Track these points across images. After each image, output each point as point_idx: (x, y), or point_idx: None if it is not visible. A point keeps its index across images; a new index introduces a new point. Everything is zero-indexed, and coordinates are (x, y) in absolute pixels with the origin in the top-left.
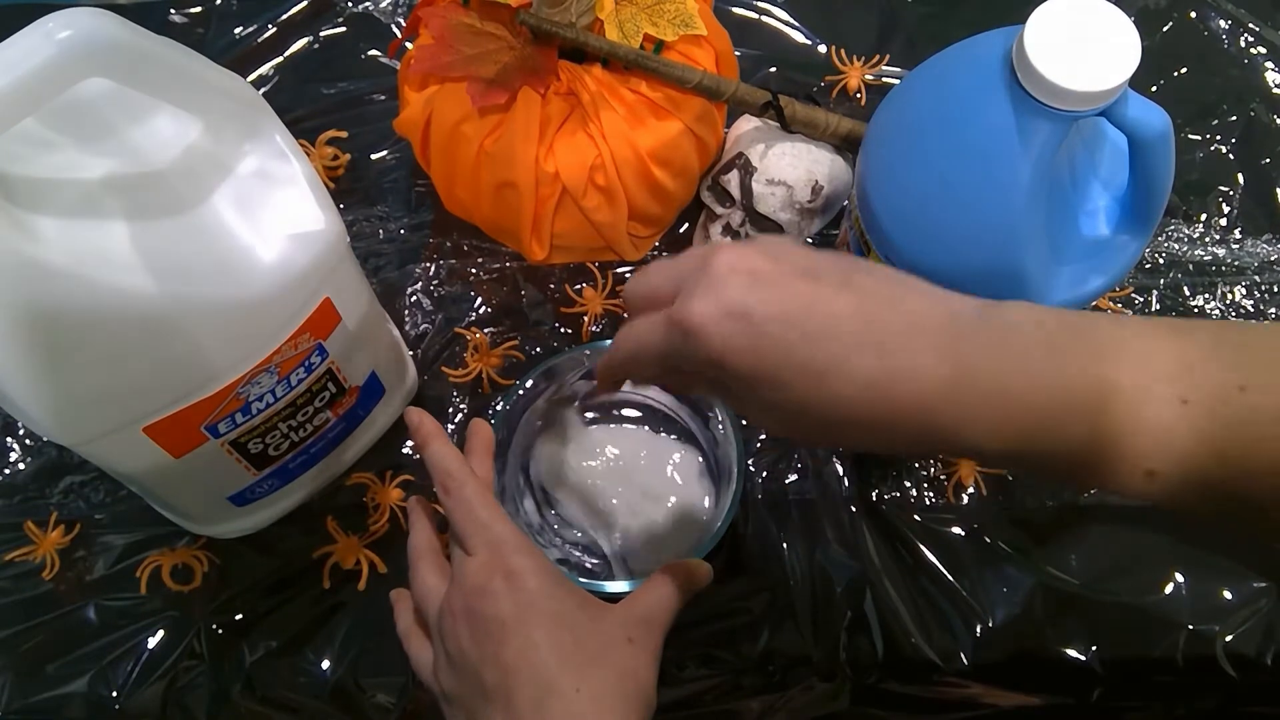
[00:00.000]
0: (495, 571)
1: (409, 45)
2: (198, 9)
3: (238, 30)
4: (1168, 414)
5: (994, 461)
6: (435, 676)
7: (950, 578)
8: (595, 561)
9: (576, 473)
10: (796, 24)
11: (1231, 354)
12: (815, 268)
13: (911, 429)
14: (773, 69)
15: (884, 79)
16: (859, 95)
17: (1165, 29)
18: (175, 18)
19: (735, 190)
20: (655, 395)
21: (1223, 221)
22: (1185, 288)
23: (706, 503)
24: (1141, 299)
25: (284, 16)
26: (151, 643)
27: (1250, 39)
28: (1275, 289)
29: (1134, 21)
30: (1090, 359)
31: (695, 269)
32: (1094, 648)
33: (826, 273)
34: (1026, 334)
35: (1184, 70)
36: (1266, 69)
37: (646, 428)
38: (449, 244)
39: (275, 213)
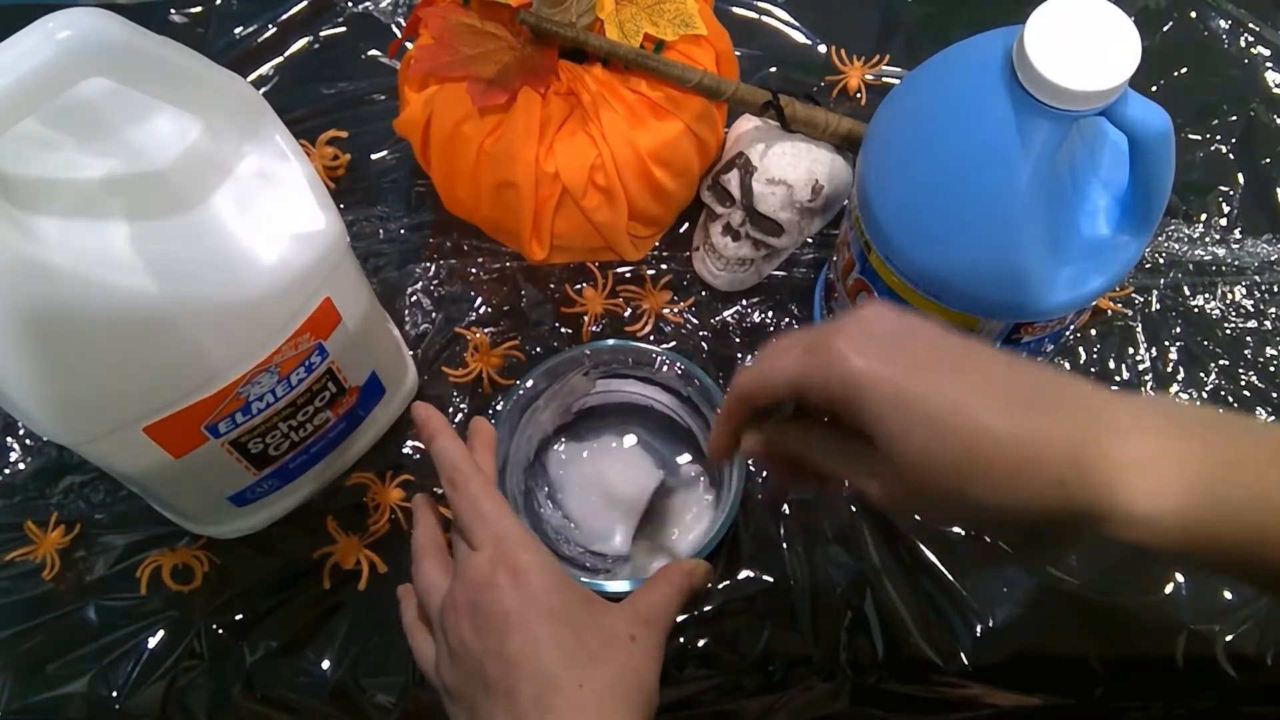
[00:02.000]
0: (499, 566)
1: (409, 45)
2: (198, 9)
3: (238, 30)
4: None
5: (1160, 532)
6: (437, 671)
7: (950, 578)
8: (596, 561)
9: (577, 472)
10: (796, 24)
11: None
12: (955, 332)
13: (1060, 486)
14: (773, 69)
15: (884, 79)
16: (859, 95)
17: (1165, 29)
18: (175, 18)
19: (735, 190)
20: (657, 396)
21: (1223, 221)
22: (1185, 288)
23: (707, 503)
24: (1141, 299)
25: (284, 16)
26: (151, 643)
27: (1250, 39)
28: (1275, 289)
29: (1134, 21)
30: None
31: (840, 317)
32: (1094, 648)
33: (969, 337)
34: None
35: (1184, 70)
36: (1266, 69)
37: (648, 428)
38: (449, 244)
39: (275, 213)
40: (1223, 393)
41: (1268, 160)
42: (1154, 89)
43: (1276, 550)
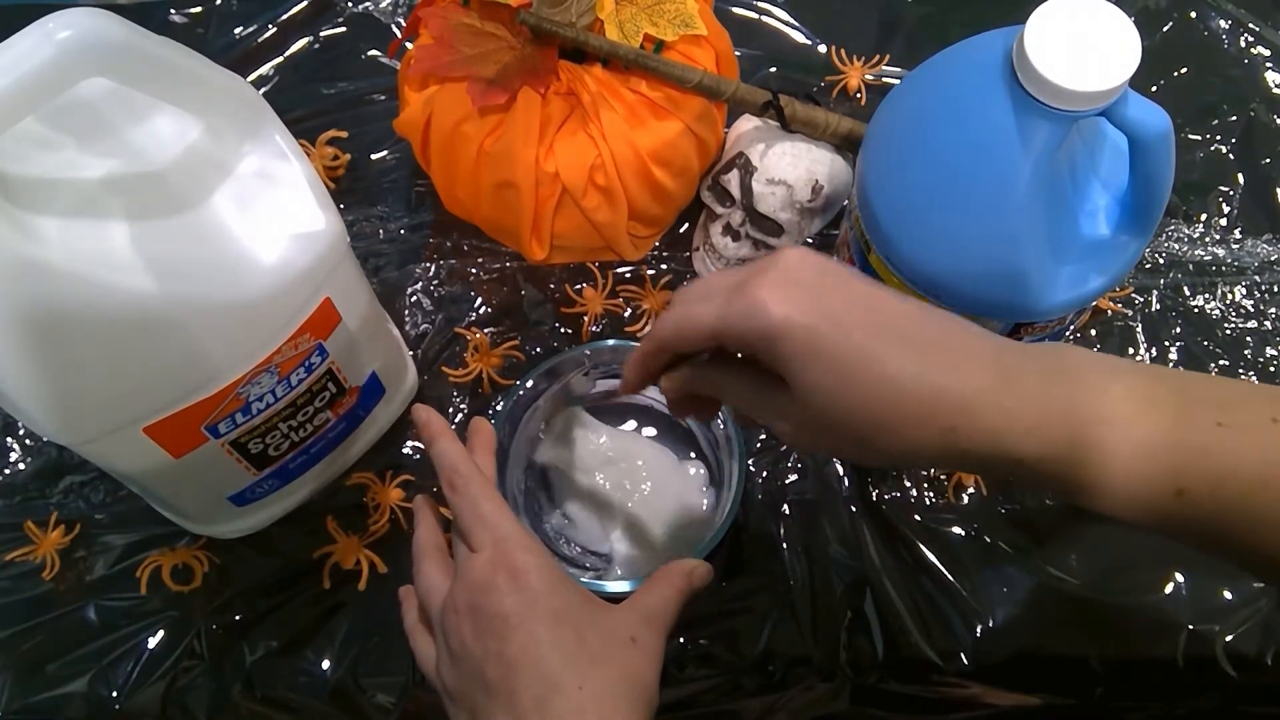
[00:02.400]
0: (499, 568)
1: (409, 45)
2: (198, 9)
3: (238, 30)
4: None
5: (1019, 470)
6: (438, 673)
7: (950, 578)
8: (596, 561)
9: (577, 472)
10: (796, 24)
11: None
12: (876, 282)
13: (950, 423)
14: (773, 69)
15: (884, 79)
16: (859, 95)
17: (1165, 29)
18: (175, 18)
19: (735, 190)
20: (656, 396)
21: (1223, 221)
22: (1185, 288)
23: (707, 503)
24: (1141, 299)
25: (284, 16)
26: (151, 643)
27: (1250, 39)
28: (1275, 289)
29: (1134, 21)
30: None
31: (761, 262)
32: (1094, 648)
33: (887, 288)
34: (1068, 358)
35: (1184, 70)
36: (1266, 69)
37: (648, 428)
38: (449, 244)
39: (275, 213)
40: None
41: (1268, 160)
42: (1154, 89)
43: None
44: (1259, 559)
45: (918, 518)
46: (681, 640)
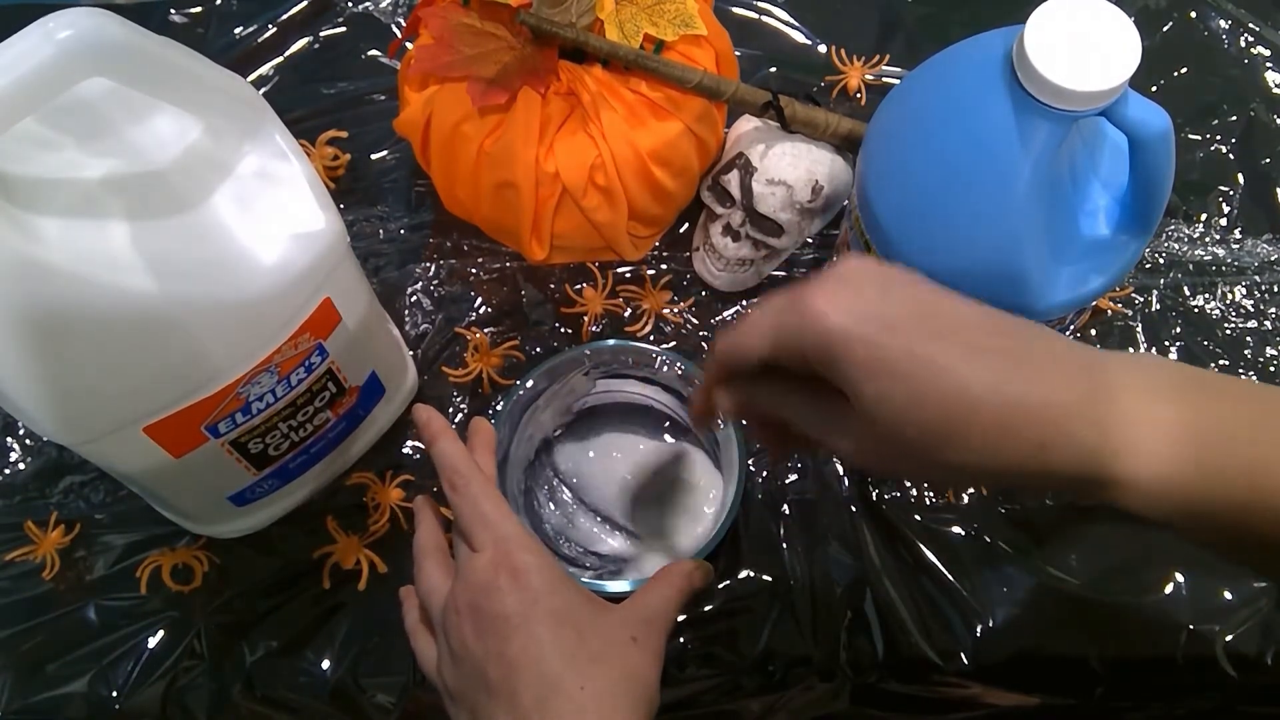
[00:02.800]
0: (500, 568)
1: (409, 45)
2: (198, 9)
3: (238, 30)
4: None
5: (1148, 496)
6: (439, 673)
7: (950, 578)
8: (596, 561)
9: (578, 473)
10: (796, 24)
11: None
12: (944, 288)
13: (1039, 438)
14: (773, 69)
15: (884, 79)
16: (859, 95)
17: (1165, 29)
18: (175, 18)
19: (735, 190)
20: (657, 396)
21: (1223, 221)
22: (1185, 288)
23: (707, 503)
24: (1141, 299)
25: (284, 16)
26: (151, 643)
27: (1250, 39)
28: (1275, 289)
29: (1134, 21)
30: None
31: (823, 272)
32: (1094, 648)
33: (955, 293)
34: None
35: (1184, 70)
36: (1266, 69)
37: (648, 428)
38: (449, 244)
39: (275, 213)
40: None
41: (1268, 160)
42: (1154, 89)
43: (1264, 519)
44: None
45: (918, 518)
46: (681, 640)
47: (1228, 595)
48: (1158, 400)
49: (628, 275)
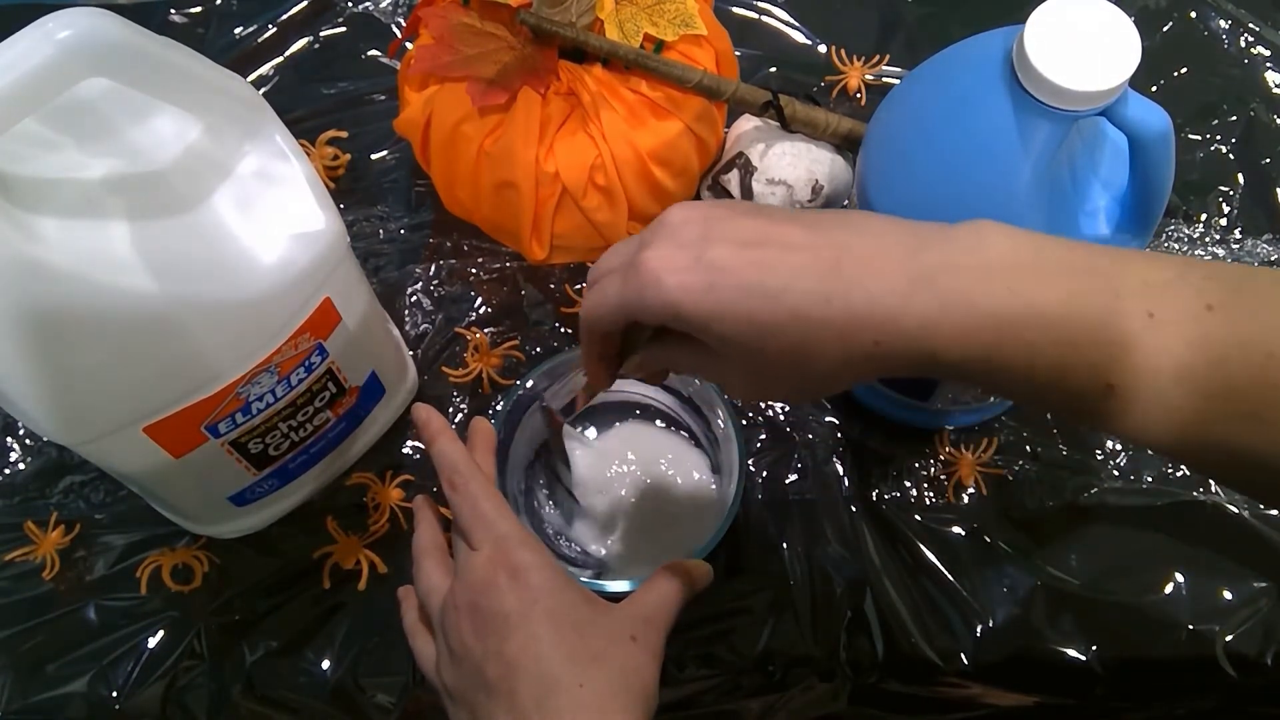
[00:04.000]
0: (500, 567)
1: (409, 45)
2: (198, 9)
3: (238, 30)
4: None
5: (965, 373)
6: (438, 672)
7: (950, 578)
8: (596, 561)
9: (577, 473)
10: (796, 24)
11: (1199, 279)
12: (766, 209)
13: (872, 338)
14: (773, 69)
15: (884, 79)
16: (859, 95)
17: (1165, 29)
18: (175, 18)
19: (735, 190)
20: (656, 395)
21: (1223, 221)
22: None
23: (707, 503)
24: None
25: (284, 16)
26: (151, 643)
27: (1250, 39)
28: None
29: (1134, 21)
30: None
31: (650, 228)
32: (1094, 648)
33: (777, 211)
34: (993, 246)
35: (1184, 70)
36: (1266, 69)
37: (647, 428)
38: (449, 244)
39: (275, 213)
40: None
41: (1268, 160)
42: (1154, 89)
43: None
44: None
45: (918, 518)
46: (681, 640)
47: (1228, 595)
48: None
49: None
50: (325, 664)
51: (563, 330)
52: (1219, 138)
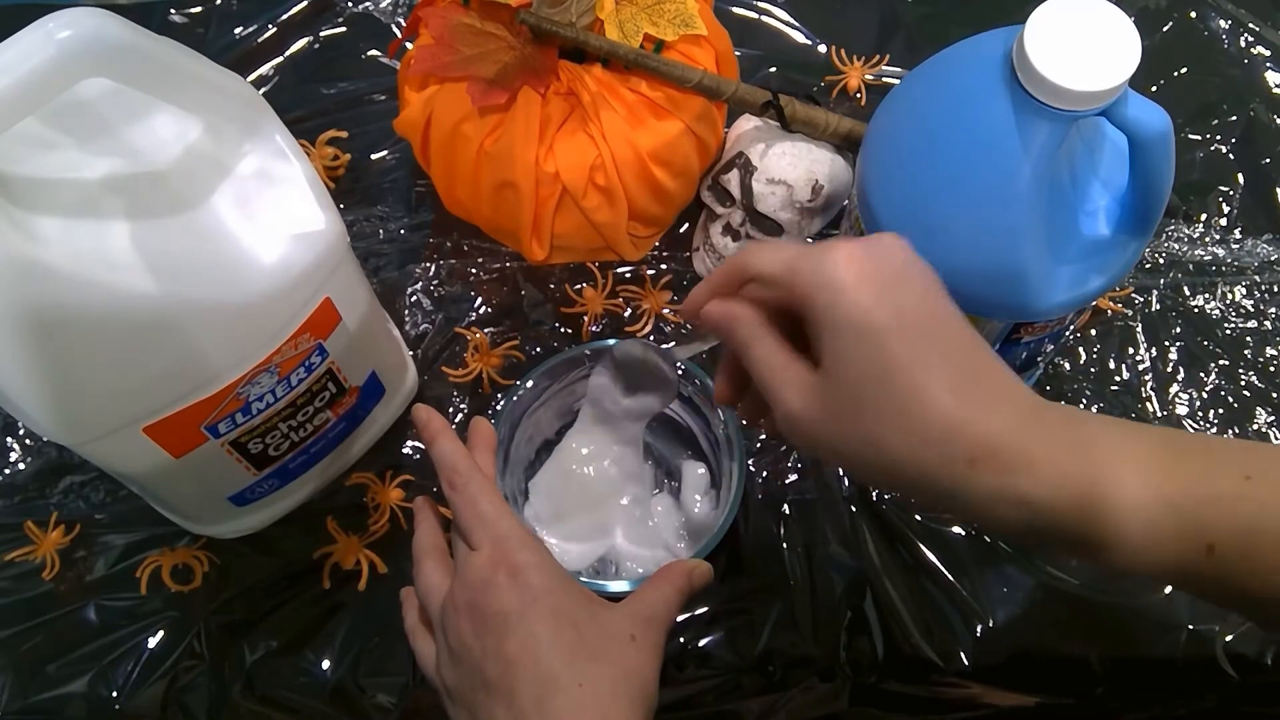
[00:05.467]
0: (499, 566)
1: (409, 45)
2: (198, 9)
3: (238, 30)
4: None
5: (1025, 514)
6: (438, 672)
7: (950, 578)
8: (596, 561)
9: (578, 473)
10: (796, 24)
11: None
12: (948, 297)
13: (970, 454)
14: (773, 69)
15: (884, 79)
16: (859, 95)
17: (1165, 29)
18: (175, 18)
19: (735, 190)
20: None
21: (1223, 221)
22: (1185, 288)
23: (707, 503)
24: (1141, 299)
25: (284, 16)
26: (151, 643)
27: (1250, 39)
28: (1275, 289)
29: (1134, 21)
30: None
31: (860, 238)
32: (1094, 648)
33: (954, 305)
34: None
35: (1184, 70)
36: (1266, 69)
37: (648, 428)
38: (449, 244)
39: (275, 213)
40: (1223, 393)
41: (1268, 160)
42: (1154, 89)
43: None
44: None
45: (918, 518)
46: (681, 640)
47: None
48: (1079, 436)
49: (628, 275)
50: (325, 664)
51: (563, 330)
52: (1219, 138)
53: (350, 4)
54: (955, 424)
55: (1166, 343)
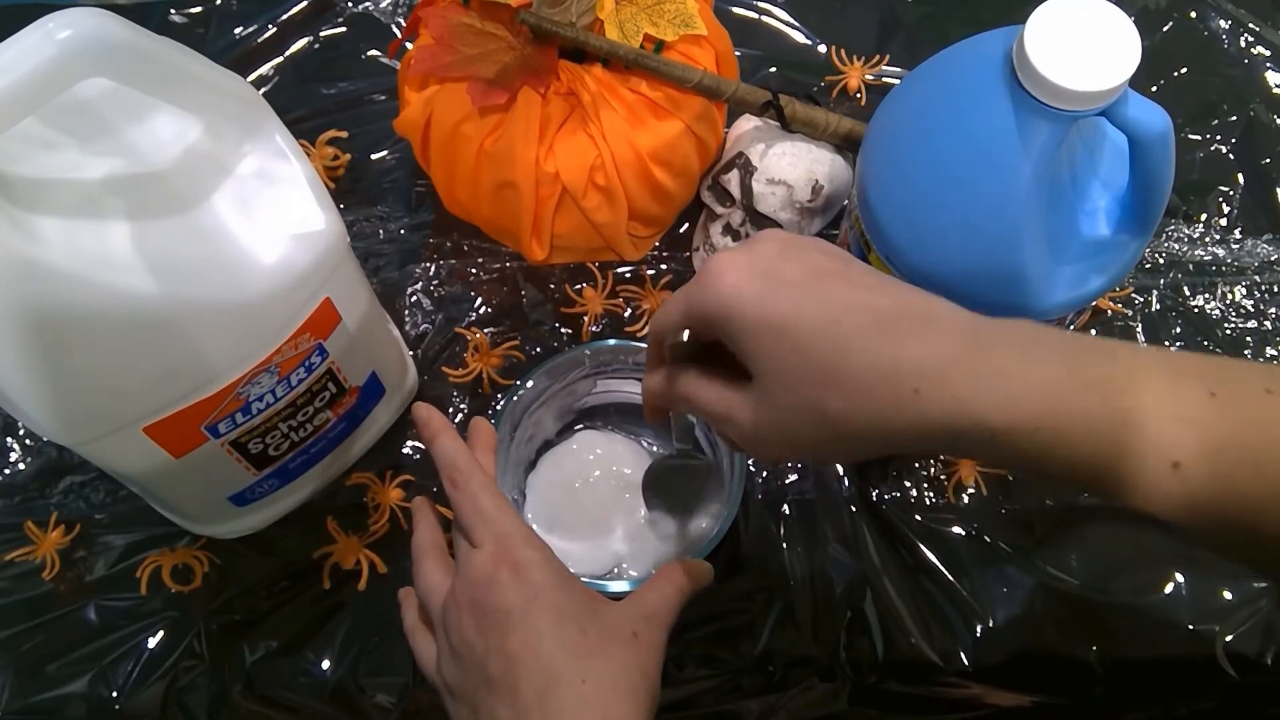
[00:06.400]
0: (501, 563)
1: (409, 45)
2: (198, 9)
3: (238, 30)
4: (1195, 405)
5: (1000, 451)
6: (439, 670)
7: (950, 578)
8: (596, 561)
9: (578, 473)
10: (796, 24)
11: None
12: (851, 257)
13: (913, 385)
14: (773, 69)
15: (884, 79)
16: (859, 95)
17: (1165, 29)
18: (175, 18)
19: (735, 190)
20: None
21: (1223, 221)
22: (1185, 288)
23: (706, 503)
24: (1141, 299)
25: (284, 16)
26: (151, 643)
27: (1250, 39)
28: (1275, 289)
29: (1134, 21)
30: (1109, 359)
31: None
32: (1094, 648)
33: (859, 262)
34: (1045, 334)
35: (1184, 70)
36: (1266, 69)
37: (648, 428)
38: (449, 244)
39: (275, 213)
40: None
41: (1268, 160)
42: (1154, 89)
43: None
44: None
45: (918, 518)
46: (681, 640)
47: (1228, 595)
48: (1030, 357)
49: (628, 275)
50: (325, 664)
51: (562, 330)
52: (1219, 138)
53: (350, 4)
54: (886, 362)
55: (1166, 343)
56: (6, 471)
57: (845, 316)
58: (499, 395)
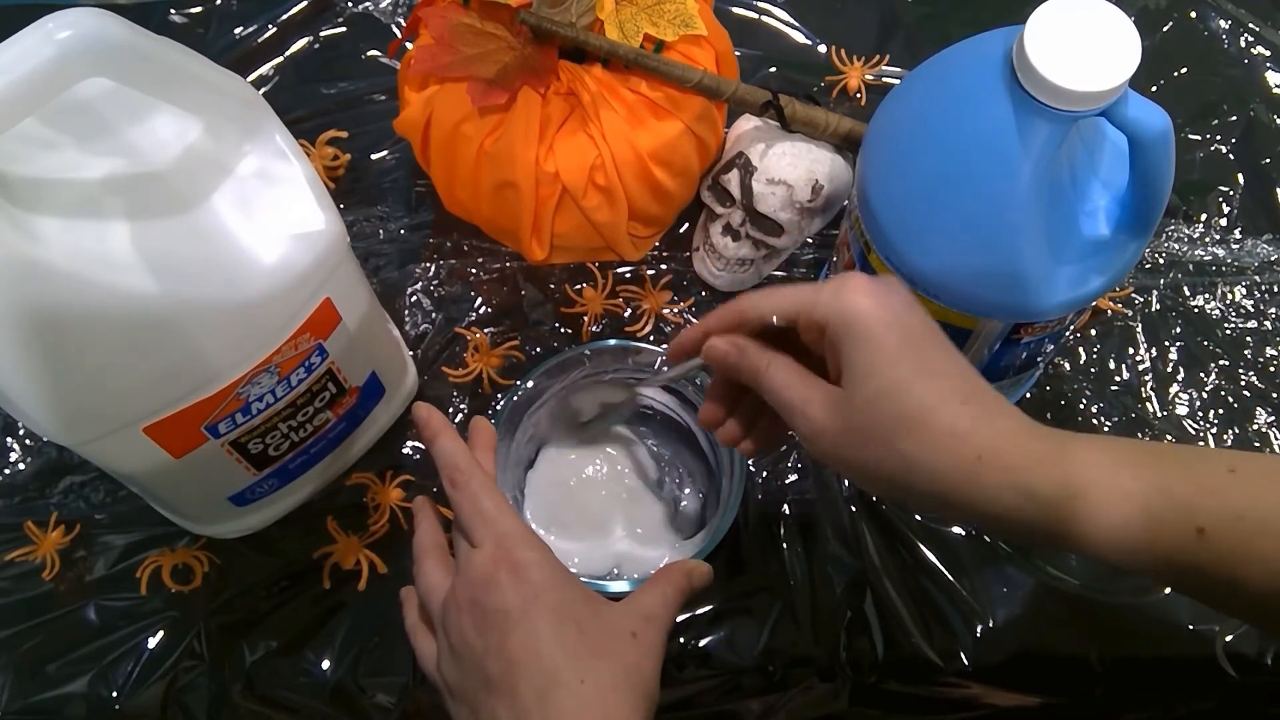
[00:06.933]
0: (501, 563)
1: (409, 45)
2: (198, 9)
3: (238, 30)
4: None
5: (1025, 510)
6: (439, 670)
7: (950, 578)
8: (596, 561)
9: (578, 473)
10: (796, 24)
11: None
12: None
13: (978, 451)
14: (773, 69)
15: (884, 79)
16: (859, 95)
17: (1165, 29)
18: (175, 18)
19: (735, 190)
20: (657, 396)
21: (1223, 221)
22: (1185, 288)
23: (707, 503)
24: (1141, 299)
25: (284, 16)
26: (151, 643)
27: (1250, 39)
28: (1275, 289)
29: (1134, 21)
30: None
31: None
32: (1094, 648)
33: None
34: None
35: (1184, 70)
36: (1266, 69)
37: (648, 428)
38: (449, 244)
39: (275, 213)
40: (1223, 393)
41: (1268, 160)
42: (1154, 89)
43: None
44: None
45: (918, 518)
46: (681, 640)
47: None
48: (1116, 461)
49: (628, 275)
50: (325, 664)
51: (562, 330)
52: (1219, 138)
53: (350, 4)
54: (965, 429)
55: (1166, 343)
56: (6, 471)
57: (946, 380)
58: (499, 395)
